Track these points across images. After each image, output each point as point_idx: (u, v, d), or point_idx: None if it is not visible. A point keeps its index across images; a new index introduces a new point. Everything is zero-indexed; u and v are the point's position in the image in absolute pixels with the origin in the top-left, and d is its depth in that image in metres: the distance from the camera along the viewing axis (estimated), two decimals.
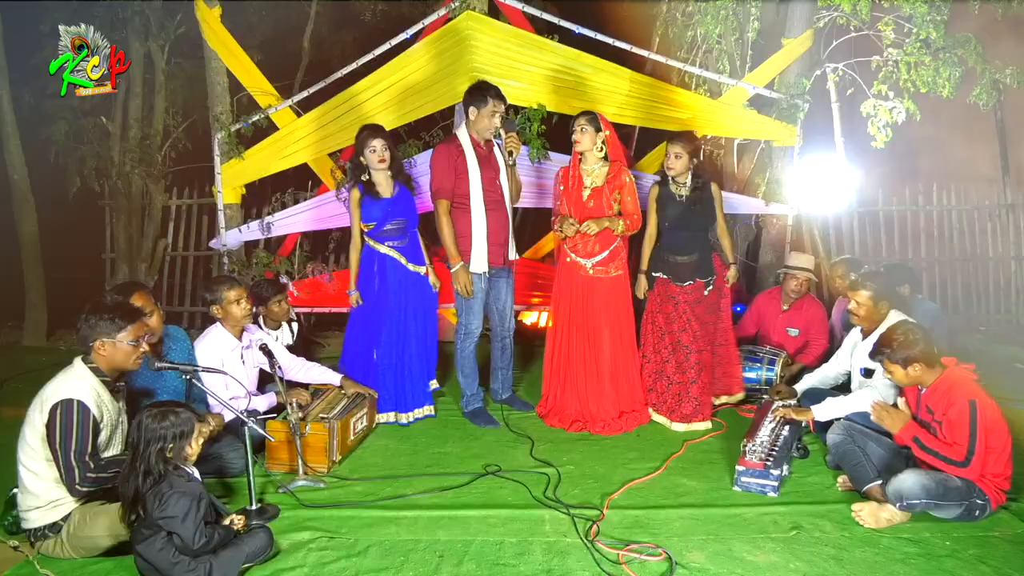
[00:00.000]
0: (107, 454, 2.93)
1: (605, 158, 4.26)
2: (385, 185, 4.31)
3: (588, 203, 4.23)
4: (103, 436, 2.89)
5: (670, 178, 4.37)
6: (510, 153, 4.18)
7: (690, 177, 4.36)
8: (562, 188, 4.32)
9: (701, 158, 4.48)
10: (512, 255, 4.39)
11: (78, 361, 2.91)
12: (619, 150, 4.34)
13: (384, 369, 4.35)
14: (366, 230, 4.32)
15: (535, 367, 5.38)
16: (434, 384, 4.55)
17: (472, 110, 4.19)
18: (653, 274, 4.43)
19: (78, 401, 2.78)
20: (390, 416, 4.36)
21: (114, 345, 2.90)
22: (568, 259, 4.31)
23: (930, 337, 3.16)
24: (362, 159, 4.25)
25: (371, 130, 4.27)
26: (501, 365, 4.62)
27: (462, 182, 4.18)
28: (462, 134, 4.24)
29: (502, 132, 4.17)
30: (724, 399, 4.55)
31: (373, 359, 4.35)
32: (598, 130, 4.20)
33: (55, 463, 2.78)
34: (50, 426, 2.76)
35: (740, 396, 4.55)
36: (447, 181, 4.17)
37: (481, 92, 4.17)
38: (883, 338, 3.24)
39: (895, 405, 3.48)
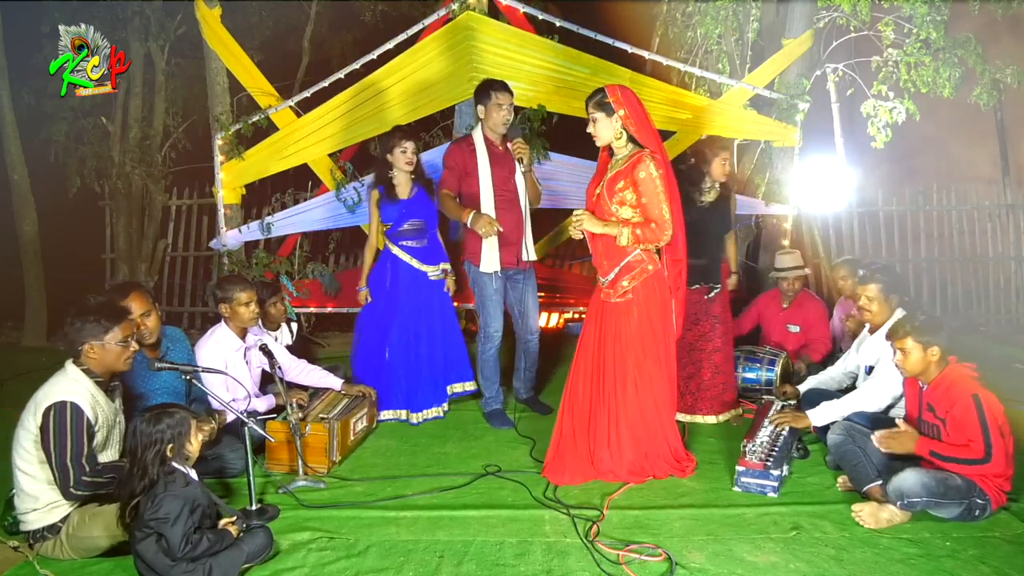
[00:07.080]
0: (105, 455, 2.92)
1: (632, 142, 3.47)
2: (404, 186, 4.35)
3: (592, 198, 3.59)
4: (99, 437, 2.87)
5: (702, 184, 4.34)
6: (519, 160, 4.11)
7: (717, 184, 4.37)
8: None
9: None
10: (527, 256, 4.32)
11: (70, 364, 2.87)
12: (647, 129, 3.43)
13: (396, 368, 4.35)
14: (383, 230, 4.36)
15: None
16: (471, 385, 4.47)
17: (481, 108, 4.19)
18: None
19: (72, 403, 2.75)
20: (400, 413, 4.35)
21: (103, 347, 2.86)
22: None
23: (951, 329, 3.17)
24: (389, 157, 4.28)
25: (405, 132, 4.37)
26: (524, 366, 4.54)
27: (472, 181, 4.17)
28: (476, 134, 4.24)
29: (508, 138, 4.15)
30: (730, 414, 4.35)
31: (385, 358, 4.36)
32: (610, 113, 3.40)
33: (49, 466, 2.75)
34: (44, 429, 2.73)
35: (735, 412, 4.38)
36: (451, 178, 4.21)
37: (485, 88, 4.18)
38: (908, 316, 3.24)
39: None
